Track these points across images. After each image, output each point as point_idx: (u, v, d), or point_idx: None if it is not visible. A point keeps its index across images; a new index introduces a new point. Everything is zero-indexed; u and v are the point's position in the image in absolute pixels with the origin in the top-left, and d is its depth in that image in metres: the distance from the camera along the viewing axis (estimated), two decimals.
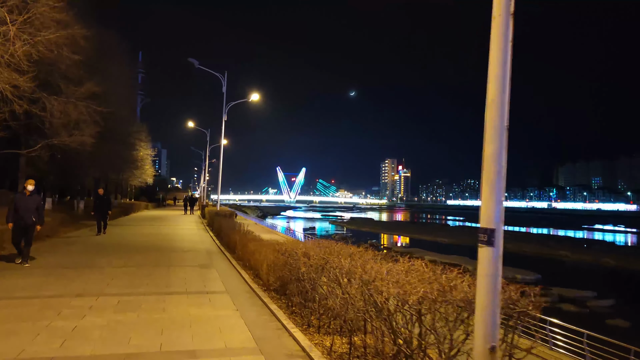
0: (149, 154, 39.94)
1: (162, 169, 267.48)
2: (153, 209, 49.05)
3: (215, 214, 19.14)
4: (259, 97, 22.31)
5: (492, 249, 2.53)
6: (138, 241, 14.33)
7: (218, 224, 16.27)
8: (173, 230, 18.97)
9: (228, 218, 18.12)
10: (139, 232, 18.04)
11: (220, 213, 19.20)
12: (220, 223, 15.82)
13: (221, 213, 19.23)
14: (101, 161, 20.84)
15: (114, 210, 27.38)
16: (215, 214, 19.07)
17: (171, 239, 15.55)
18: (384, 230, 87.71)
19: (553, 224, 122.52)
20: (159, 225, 22.12)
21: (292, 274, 5.95)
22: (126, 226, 21.04)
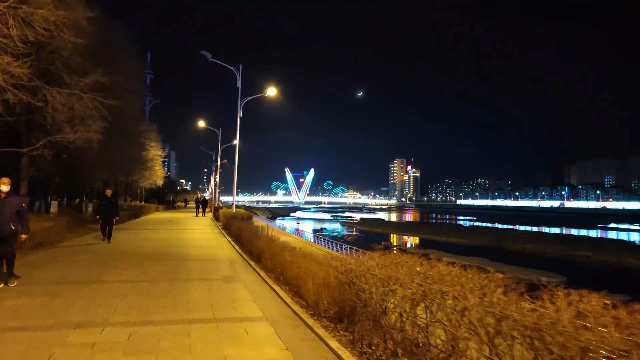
0: (159, 155, 38.69)
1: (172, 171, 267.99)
2: (163, 211, 47.89)
3: (231, 217, 17.71)
4: (276, 91, 20.88)
5: None
6: (150, 248, 12.90)
7: (236, 228, 14.83)
8: (187, 235, 17.56)
9: (246, 221, 16.69)
10: (151, 236, 16.64)
11: (237, 216, 17.77)
12: (239, 227, 14.38)
13: (238, 216, 17.80)
14: (109, 161, 19.53)
15: (123, 214, 26.17)
16: (232, 217, 17.64)
17: (186, 244, 14.12)
18: (396, 231, 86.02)
19: (567, 223, 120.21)
20: (171, 229, 20.75)
21: (360, 301, 4.45)
22: (137, 230, 19.71)
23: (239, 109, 20.69)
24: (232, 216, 17.85)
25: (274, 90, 20.78)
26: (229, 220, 17.89)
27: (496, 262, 41.77)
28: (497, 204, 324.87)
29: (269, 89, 20.80)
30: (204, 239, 16.10)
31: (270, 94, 20.86)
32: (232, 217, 17.69)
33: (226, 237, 16.55)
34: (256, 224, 17.50)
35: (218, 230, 20.26)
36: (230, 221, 17.39)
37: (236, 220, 16.41)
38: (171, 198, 63.88)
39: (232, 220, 17.14)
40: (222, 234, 18.42)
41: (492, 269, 39.88)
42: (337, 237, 64.14)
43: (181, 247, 13.38)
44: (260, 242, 10.12)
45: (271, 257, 8.73)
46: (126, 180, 33.75)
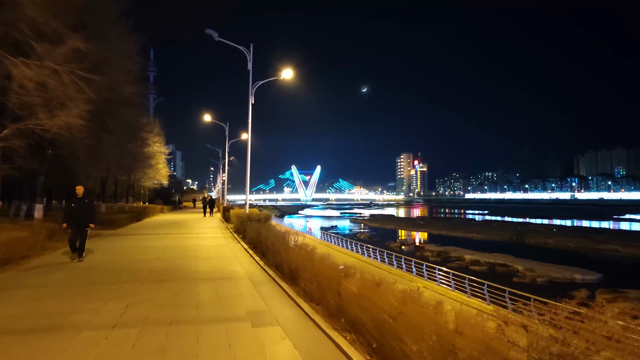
0: (163, 152, 36.04)
1: (177, 170, 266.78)
2: (169, 212, 45.35)
3: (246, 219, 14.97)
4: (293, 73, 18.09)
5: None
6: (149, 261, 10.19)
7: (254, 233, 12.10)
8: (195, 241, 14.84)
9: (264, 223, 13.96)
10: (152, 244, 13.94)
11: (252, 217, 15.03)
12: (257, 231, 11.65)
13: (254, 217, 15.05)
14: (104, 157, 16.86)
15: (124, 217, 23.60)
16: (247, 219, 14.90)
17: (194, 255, 11.39)
18: (409, 227, 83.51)
19: (581, 215, 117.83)
20: (176, 234, 18.07)
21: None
22: (136, 236, 17.07)
23: (251, 94, 17.93)
24: (247, 218, 15.10)
25: (290, 72, 18.00)
26: (243, 223, 15.16)
27: (522, 259, 39.04)
28: (507, 197, 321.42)
29: (284, 71, 18.01)
30: (215, 246, 13.37)
31: (286, 77, 18.08)
32: (247, 218, 14.94)
33: (241, 244, 13.82)
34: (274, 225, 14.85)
35: (230, 234, 17.56)
36: (245, 224, 14.67)
37: (252, 223, 13.68)
38: (177, 198, 61.40)
39: (247, 222, 14.41)
40: (235, 239, 15.71)
41: (520, 266, 37.15)
42: (349, 235, 61.65)
43: (188, 258, 10.67)
44: (293, 255, 7.38)
45: (315, 280, 5.96)
46: (128, 179, 31.12)
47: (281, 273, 8.11)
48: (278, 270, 8.44)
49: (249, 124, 18.31)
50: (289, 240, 8.93)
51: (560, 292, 25.91)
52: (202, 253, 11.64)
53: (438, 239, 59.73)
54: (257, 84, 18.06)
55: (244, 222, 14.99)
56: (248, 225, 13.89)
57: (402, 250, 45.97)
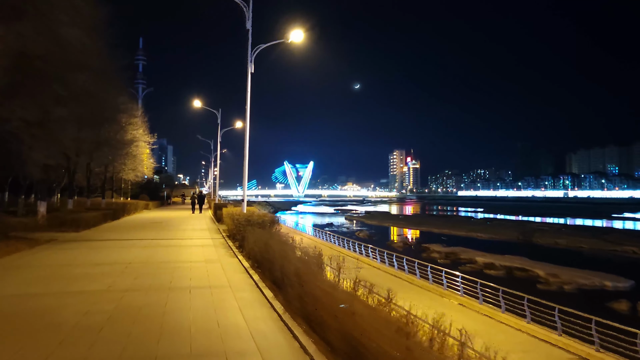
0: (147, 141, 31.76)
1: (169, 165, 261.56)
2: (155, 208, 41.17)
3: (245, 222, 10.98)
4: (304, 36, 14.14)
5: None
6: (86, 297, 6.12)
7: (259, 246, 8.15)
8: (175, 254, 10.78)
9: (270, 230, 10.05)
10: (112, 258, 9.92)
11: (252, 220, 11.01)
12: (264, 244, 7.75)
13: (254, 220, 11.04)
14: (57, 139, 12.76)
15: (94, 215, 19.53)
16: (246, 222, 10.93)
17: (167, 283, 7.17)
18: (408, 225, 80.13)
19: (578, 213, 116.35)
20: (153, 239, 14.05)
21: None
22: (99, 243, 13.03)
23: (250, 61, 13.89)
24: (245, 220, 11.10)
25: (301, 34, 14.04)
26: (240, 227, 11.18)
27: (539, 262, 35.77)
28: (500, 194, 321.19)
29: (292, 33, 14.04)
30: (201, 264, 9.34)
31: (295, 40, 14.12)
32: (247, 221, 10.96)
33: (238, 258, 9.86)
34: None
35: (222, 241, 13.60)
36: (242, 229, 10.73)
37: (254, 229, 9.78)
38: (165, 193, 57.20)
39: (245, 227, 10.49)
40: (229, 248, 11.75)
41: (540, 271, 33.76)
42: (347, 233, 58.21)
43: (156, 289, 6.62)
44: (340, 295, 3.50)
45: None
46: (104, 171, 26.93)
47: (314, 325, 4.16)
48: (309, 320, 4.50)
49: (247, 98, 14.30)
50: (318, 260, 5.10)
51: (597, 303, 22.75)
52: (181, 278, 7.60)
53: (441, 239, 56.40)
54: (258, 47, 14.02)
55: (242, 227, 11.04)
56: (248, 231, 9.96)
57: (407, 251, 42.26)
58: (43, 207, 16.97)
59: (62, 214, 17.71)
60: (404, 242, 53.36)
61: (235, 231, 12.11)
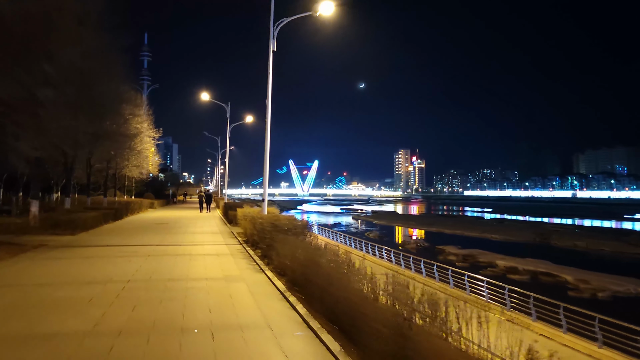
0: (152, 136, 29.78)
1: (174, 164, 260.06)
2: (160, 207, 39.27)
3: (271, 228, 8.89)
4: (334, 8, 12.08)
5: None
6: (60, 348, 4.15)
7: (300, 263, 6.11)
8: (185, 268, 8.65)
9: (305, 239, 8.00)
10: (107, 274, 7.87)
11: (280, 226, 8.88)
12: (309, 260, 5.71)
13: (282, 225, 8.92)
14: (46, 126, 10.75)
15: (93, 215, 17.58)
16: (272, 228, 8.84)
17: (179, 319, 5.01)
18: (417, 225, 77.76)
19: (589, 214, 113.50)
20: (159, 246, 12.04)
21: None
22: (95, 250, 11.01)
23: (272, 37, 11.85)
24: (271, 225, 9.02)
25: (331, 5, 11.99)
26: (265, 234, 9.10)
27: (564, 266, 33.56)
28: (507, 194, 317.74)
29: (322, 4, 11.98)
30: (221, 282, 7.24)
31: (325, 13, 12.07)
32: (272, 226, 8.89)
33: (265, 273, 7.80)
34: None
35: (240, 248, 11.57)
36: (269, 236, 8.66)
37: (286, 237, 7.74)
38: (171, 192, 55.36)
39: (273, 234, 8.43)
40: (250, 258, 9.71)
41: (567, 276, 31.55)
42: (357, 233, 56.26)
43: (167, 333, 4.46)
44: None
45: None
46: (106, 167, 24.96)
47: None
48: None
49: (269, 80, 12.21)
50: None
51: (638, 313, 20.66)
52: (197, 309, 5.46)
53: (453, 240, 54.14)
54: (282, 21, 11.97)
55: (266, 233, 8.99)
56: (278, 240, 7.90)
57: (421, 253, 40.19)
58: (35, 207, 15.00)
59: (57, 215, 15.75)
60: (417, 244, 51.30)
61: (257, 237, 10.07)
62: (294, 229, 8.52)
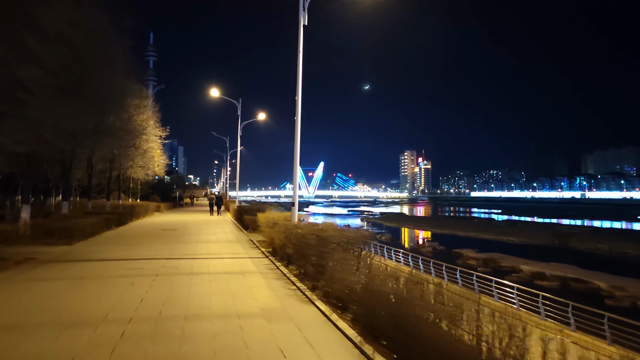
0: (158, 135, 27.82)
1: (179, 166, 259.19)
2: (167, 210, 37.32)
3: (317, 242, 6.80)
4: None
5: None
6: None
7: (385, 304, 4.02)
8: (205, 293, 6.49)
9: (359, 254, 5.93)
10: (106, 305, 5.85)
11: (327, 238, 6.73)
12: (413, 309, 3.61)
13: (330, 237, 6.74)
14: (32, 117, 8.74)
15: (93, 222, 15.59)
16: (318, 241, 6.75)
17: None
18: (428, 227, 75.47)
19: (601, 215, 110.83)
20: (167, 257, 10.02)
21: None
22: (89, 265, 8.90)
23: (303, 8, 9.88)
24: (316, 238, 6.87)
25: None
26: (308, 249, 6.98)
27: (592, 271, 31.39)
28: (514, 195, 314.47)
29: None
30: (259, 321, 5.09)
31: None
32: (319, 239, 6.78)
33: (317, 306, 5.69)
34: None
35: (267, 262, 9.49)
36: (318, 252, 6.57)
37: (345, 255, 5.67)
38: (177, 194, 53.46)
39: (323, 250, 6.35)
40: (285, 278, 7.65)
41: (601, 282, 29.28)
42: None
43: None
44: None
45: None
46: (109, 167, 22.99)
47: None
48: None
49: (299, 58, 10.22)
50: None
51: None
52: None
53: (469, 242, 51.90)
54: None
55: (310, 248, 6.90)
56: (328, 258, 5.82)
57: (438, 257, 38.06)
58: (26, 212, 13.00)
59: (50, 221, 13.75)
60: (432, 247, 49.15)
61: (293, 251, 8.00)
62: (343, 243, 6.43)
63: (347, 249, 6.27)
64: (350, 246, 6.26)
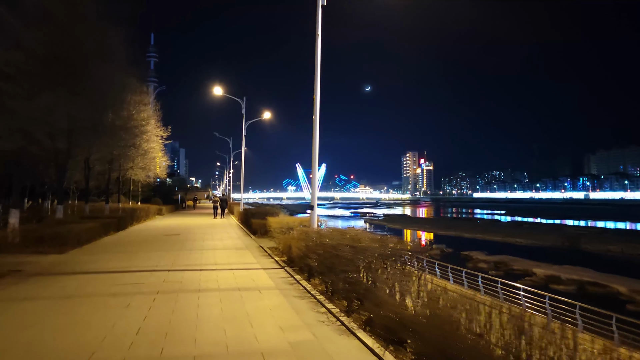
0: (159, 135, 26.64)
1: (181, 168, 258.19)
2: (169, 213, 36.16)
3: (353, 255, 5.59)
4: None
5: None
6: None
7: None
8: (219, 319, 5.28)
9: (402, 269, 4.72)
10: (90, 340, 4.68)
11: (366, 249, 5.52)
12: None
13: (367, 247, 5.53)
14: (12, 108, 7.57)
15: (89, 227, 14.42)
16: (354, 254, 5.54)
17: None
18: (435, 229, 74.30)
19: (606, 215, 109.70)
20: (170, 269, 8.81)
21: None
22: (80, 280, 7.64)
23: None
24: (352, 250, 5.65)
25: None
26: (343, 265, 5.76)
27: (609, 274, 30.22)
28: (517, 196, 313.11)
29: None
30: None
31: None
32: (354, 252, 5.56)
33: (359, 338, 4.53)
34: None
35: (283, 275, 8.27)
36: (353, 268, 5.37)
37: (398, 275, 4.47)
38: (180, 196, 52.29)
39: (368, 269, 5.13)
40: (307, 294, 6.45)
41: (620, 286, 28.04)
42: None
43: None
44: None
45: None
46: (107, 169, 21.82)
47: None
48: None
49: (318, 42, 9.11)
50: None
51: None
52: None
53: (476, 245, 50.67)
54: None
55: (346, 263, 5.71)
56: (377, 278, 4.62)
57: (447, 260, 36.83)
58: (14, 218, 11.82)
59: (42, 227, 12.57)
60: (440, 249, 47.92)
61: (317, 263, 6.81)
62: (391, 256, 5.25)
63: (394, 262, 5.09)
64: (397, 260, 5.07)
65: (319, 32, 9.18)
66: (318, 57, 9.39)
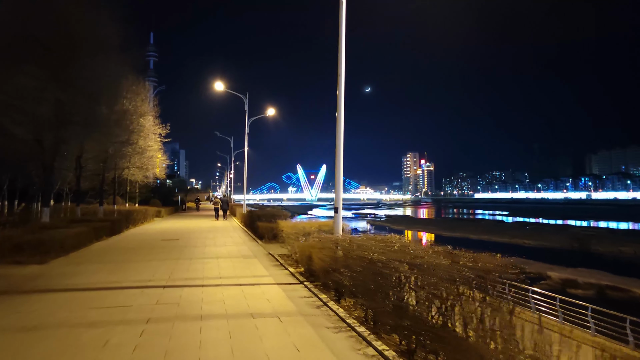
0: (158, 133, 25.14)
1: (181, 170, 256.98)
2: (168, 215, 34.66)
3: (415, 275, 4.16)
4: None
5: None
6: None
7: None
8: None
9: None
10: None
11: (432, 268, 4.15)
12: None
13: (430, 267, 4.16)
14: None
15: (77, 232, 12.92)
16: (419, 274, 4.11)
17: None
18: (440, 231, 72.83)
19: (609, 216, 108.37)
20: (166, 285, 7.32)
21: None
22: (58, 300, 6.03)
23: None
24: (413, 268, 4.26)
25: None
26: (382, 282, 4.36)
27: (627, 277, 28.87)
28: (519, 196, 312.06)
29: None
30: None
31: None
32: (426, 275, 4.14)
33: None
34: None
35: (300, 288, 6.81)
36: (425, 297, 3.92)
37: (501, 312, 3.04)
38: (180, 198, 50.89)
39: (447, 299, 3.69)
40: (339, 321, 4.97)
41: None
42: None
43: None
44: None
45: None
46: (101, 169, 20.34)
47: None
48: None
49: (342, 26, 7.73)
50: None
51: None
52: None
53: (483, 246, 48.87)
54: None
55: (389, 282, 4.25)
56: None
57: None
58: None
59: (21, 233, 11.07)
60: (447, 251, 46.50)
61: (351, 281, 5.32)
62: (472, 279, 3.79)
63: (471, 289, 3.61)
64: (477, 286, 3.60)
65: (343, 26, 7.84)
66: (342, 50, 8.04)
